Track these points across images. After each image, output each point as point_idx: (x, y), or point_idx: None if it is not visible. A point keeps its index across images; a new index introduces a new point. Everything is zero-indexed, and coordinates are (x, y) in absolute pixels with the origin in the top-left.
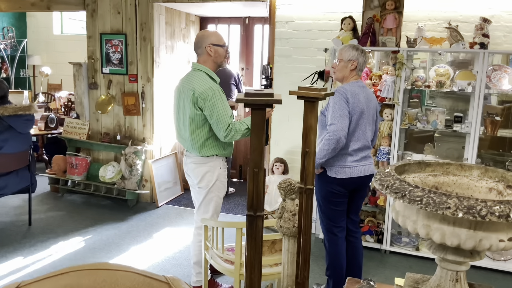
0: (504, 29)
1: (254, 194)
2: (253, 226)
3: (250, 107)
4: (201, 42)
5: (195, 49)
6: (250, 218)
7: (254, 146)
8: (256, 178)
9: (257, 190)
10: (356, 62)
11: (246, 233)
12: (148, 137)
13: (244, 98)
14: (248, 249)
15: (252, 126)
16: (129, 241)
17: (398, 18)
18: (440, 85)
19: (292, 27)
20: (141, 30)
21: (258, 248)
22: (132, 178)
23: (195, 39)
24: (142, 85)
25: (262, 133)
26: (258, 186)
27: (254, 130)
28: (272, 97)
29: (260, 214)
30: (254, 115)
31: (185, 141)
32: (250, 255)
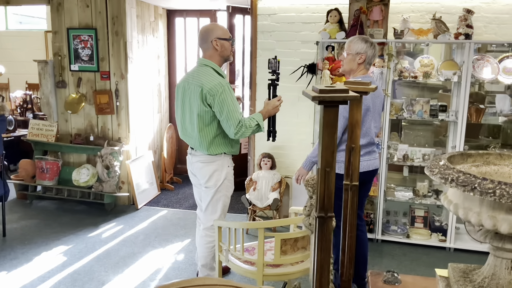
0: (484, 20)
1: (326, 194)
2: (324, 228)
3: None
4: (207, 36)
5: (201, 43)
6: (321, 220)
7: (325, 144)
8: (328, 178)
9: (328, 191)
10: (365, 56)
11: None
12: (124, 137)
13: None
14: (319, 251)
15: (325, 123)
16: (118, 247)
17: (384, 10)
18: (426, 76)
19: (275, 20)
20: (113, 24)
21: (328, 249)
22: (110, 181)
23: (199, 34)
24: (115, 82)
25: (334, 131)
26: (329, 186)
27: (326, 128)
28: (347, 93)
29: (331, 215)
30: (326, 113)
31: (192, 139)
32: (320, 258)
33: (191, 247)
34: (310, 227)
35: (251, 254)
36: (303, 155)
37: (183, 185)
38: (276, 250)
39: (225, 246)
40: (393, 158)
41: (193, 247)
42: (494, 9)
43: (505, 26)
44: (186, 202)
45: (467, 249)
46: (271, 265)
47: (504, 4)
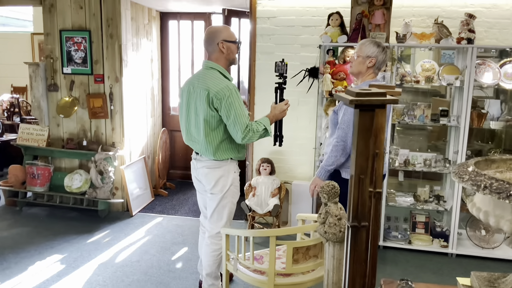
0: (485, 25)
1: (360, 202)
2: (357, 238)
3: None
4: (213, 38)
5: (206, 46)
6: (355, 229)
7: (360, 150)
8: (362, 186)
9: (362, 199)
10: (375, 60)
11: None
12: (118, 142)
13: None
14: (351, 262)
15: (360, 128)
16: (114, 255)
17: (386, 14)
18: (428, 80)
19: (275, 23)
20: (107, 26)
21: (362, 260)
22: (104, 187)
23: (205, 36)
24: (110, 86)
25: (369, 136)
26: (363, 194)
27: (361, 132)
28: (385, 96)
29: (364, 224)
30: (362, 117)
31: (198, 144)
32: (353, 269)
33: (190, 255)
34: (325, 235)
35: (259, 263)
36: (303, 160)
37: (177, 191)
38: (288, 258)
39: (233, 254)
40: (395, 163)
41: (192, 255)
42: (495, 14)
43: (506, 31)
44: (182, 209)
45: (469, 255)
46: (282, 274)
47: (505, 9)
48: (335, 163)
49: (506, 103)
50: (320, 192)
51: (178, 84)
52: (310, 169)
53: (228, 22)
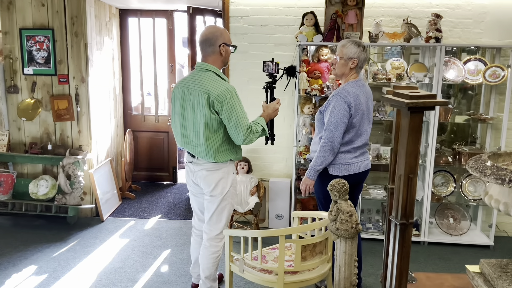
0: (449, 24)
1: (408, 201)
2: (405, 234)
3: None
4: (215, 40)
5: (205, 47)
6: (403, 227)
7: (410, 150)
8: (411, 185)
9: (410, 197)
10: (357, 60)
11: (397, 243)
12: (85, 145)
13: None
14: (399, 258)
15: (410, 129)
16: (95, 263)
17: (359, 14)
18: (399, 78)
19: (248, 22)
20: (72, 24)
21: (408, 256)
22: (74, 192)
23: (205, 37)
24: (75, 87)
25: (419, 136)
26: (412, 193)
27: (412, 133)
28: (435, 98)
29: (412, 221)
30: (413, 118)
31: (196, 148)
32: (400, 265)
33: (174, 258)
34: (337, 232)
35: (264, 262)
36: (279, 158)
37: (143, 193)
38: (297, 256)
39: (237, 255)
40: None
41: (176, 258)
42: (458, 14)
43: (468, 30)
44: (153, 211)
45: (440, 242)
46: (289, 272)
47: (467, 10)
48: (324, 163)
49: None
50: (330, 191)
51: (140, 83)
52: (285, 166)
53: (193, 20)
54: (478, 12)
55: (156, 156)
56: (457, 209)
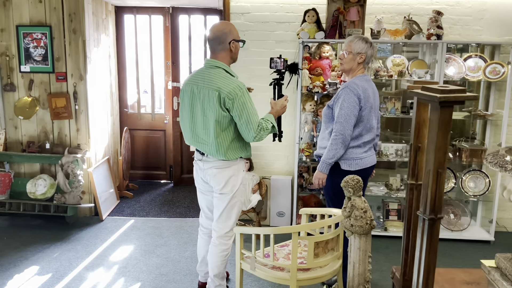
0: (449, 21)
1: (437, 196)
2: (433, 230)
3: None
4: (225, 37)
5: (215, 44)
6: (431, 222)
7: (439, 145)
8: (440, 180)
9: (439, 192)
10: (365, 56)
11: (423, 238)
12: (84, 143)
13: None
14: (427, 253)
15: (440, 124)
16: (97, 262)
17: (360, 11)
18: (401, 75)
19: (249, 19)
20: (70, 21)
21: (435, 251)
22: (73, 191)
23: (215, 33)
24: (73, 84)
25: (449, 130)
26: (440, 188)
27: (441, 128)
28: (464, 93)
29: (440, 216)
30: (443, 113)
31: (207, 146)
32: (428, 259)
33: (177, 257)
34: (352, 228)
35: (275, 260)
36: (280, 155)
37: (141, 191)
38: (310, 253)
39: (248, 253)
40: None
41: (179, 256)
42: (458, 12)
43: (468, 27)
44: (152, 210)
45: (440, 238)
46: (302, 269)
47: (467, 7)
48: (335, 156)
49: None
50: (345, 187)
51: (136, 81)
52: (286, 164)
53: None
54: (477, 10)
55: (153, 155)
56: (457, 205)
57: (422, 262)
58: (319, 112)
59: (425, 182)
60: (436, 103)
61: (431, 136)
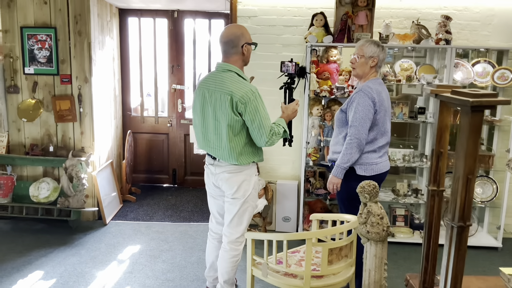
0: (457, 26)
1: (466, 203)
2: (462, 237)
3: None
4: (238, 40)
5: (228, 47)
6: (460, 229)
7: (470, 151)
8: (469, 186)
9: (468, 199)
10: (377, 59)
11: (451, 245)
12: (88, 146)
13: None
14: (455, 261)
15: (470, 129)
16: (102, 267)
17: (369, 15)
18: (409, 79)
19: (255, 23)
20: (75, 23)
21: (463, 258)
22: (77, 195)
23: (228, 36)
24: (78, 87)
25: (479, 136)
26: (470, 194)
27: (472, 133)
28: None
29: (469, 224)
30: (474, 117)
31: (218, 150)
32: (456, 267)
33: (183, 262)
34: (368, 234)
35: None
36: (285, 160)
37: (144, 196)
38: (323, 260)
39: (259, 259)
40: None
41: (185, 262)
42: (466, 16)
43: (476, 32)
44: (156, 214)
45: None
46: (315, 277)
47: (475, 12)
48: (350, 160)
49: None
50: (361, 193)
51: (140, 84)
52: (292, 168)
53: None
54: (485, 15)
55: (156, 158)
56: None
57: (449, 270)
58: (326, 116)
59: (454, 189)
60: (467, 107)
61: (461, 141)
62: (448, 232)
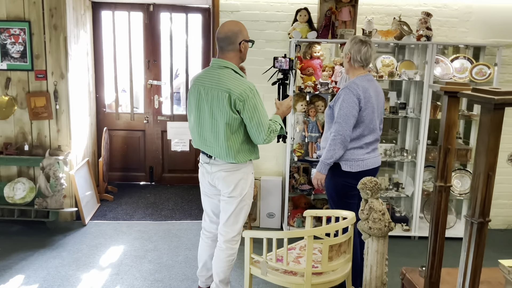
0: (436, 23)
1: (486, 199)
2: (482, 233)
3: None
4: (235, 37)
5: (224, 44)
6: (480, 225)
7: (491, 147)
8: (490, 182)
9: (489, 195)
10: (349, 55)
11: (470, 241)
12: (65, 144)
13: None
14: (474, 257)
15: (492, 126)
16: (86, 270)
17: (352, 11)
18: (391, 75)
19: (238, 17)
20: (51, 16)
21: (482, 254)
22: (56, 195)
23: (226, 33)
24: (54, 83)
25: (500, 133)
26: (490, 190)
27: (494, 130)
28: None
29: (488, 219)
30: (496, 115)
31: (215, 149)
32: (475, 263)
33: (170, 262)
34: (370, 230)
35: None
36: (269, 156)
37: (121, 194)
38: (324, 257)
39: (258, 257)
40: None
41: (172, 261)
42: (445, 13)
43: (454, 29)
44: (136, 213)
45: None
46: (314, 274)
47: (454, 9)
48: (334, 156)
49: None
50: (362, 189)
51: (114, 80)
52: (276, 164)
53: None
54: (463, 12)
55: (132, 156)
56: None
57: (469, 265)
58: (310, 112)
59: (475, 185)
60: (490, 105)
61: (482, 138)
62: (467, 228)
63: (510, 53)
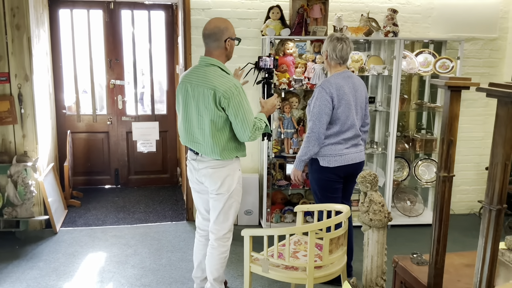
0: (401, 19)
1: (504, 187)
2: (499, 219)
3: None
4: (221, 34)
5: (210, 41)
6: (498, 212)
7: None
8: (507, 171)
9: (505, 183)
10: (326, 53)
11: (489, 227)
12: (32, 150)
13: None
14: (493, 242)
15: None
16: (69, 278)
17: (323, 8)
18: (362, 70)
19: (209, 15)
20: (13, 16)
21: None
22: (25, 203)
23: (211, 29)
24: (18, 86)
25: None
26: (506, 179)
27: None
28: None
29: (505, 206)
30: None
31: (202, 146)
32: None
33: (154, 265)
34: (371, 222)
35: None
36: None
37: (88, 199)
38: (325, 250)
39: (257, 255)
40: None
41: (156, 264)
42: (408, 10)
43: (417, 24)
44: (108, 218)
45: (400, 224)
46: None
47: (416, 6)
48: (308, 153)
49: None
50: (362, 182)
51: (74, 80)
52: (251, 161)
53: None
54: (426, 8)
55: (96, 159)
56: (413, 192)
57: (488, 250)
58: (285, 108)
59: (493, 174)
60: (508, 98)
61: (499, 130)
62: (485, 215)
63: (470, 47)
